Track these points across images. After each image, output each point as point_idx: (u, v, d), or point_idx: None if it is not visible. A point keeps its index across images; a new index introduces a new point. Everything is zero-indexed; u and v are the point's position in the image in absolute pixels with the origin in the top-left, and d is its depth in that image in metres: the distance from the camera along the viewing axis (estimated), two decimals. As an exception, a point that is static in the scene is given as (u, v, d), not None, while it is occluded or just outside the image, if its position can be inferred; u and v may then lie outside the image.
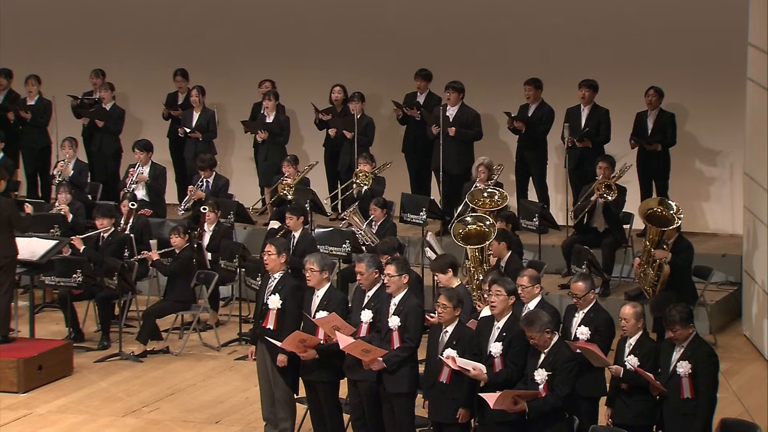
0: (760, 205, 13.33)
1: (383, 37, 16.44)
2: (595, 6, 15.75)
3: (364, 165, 15.08)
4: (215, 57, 16.88)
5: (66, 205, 14.60)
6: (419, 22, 16.28)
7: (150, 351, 13.18)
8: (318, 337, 10.28)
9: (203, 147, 15.95)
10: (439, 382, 9.63)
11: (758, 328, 13.39)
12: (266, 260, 10.70)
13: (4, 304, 12.57)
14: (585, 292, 9.96)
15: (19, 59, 16.85)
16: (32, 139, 16.54)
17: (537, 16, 15.92)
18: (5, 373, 12.17)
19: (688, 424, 9.23)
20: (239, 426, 11.37)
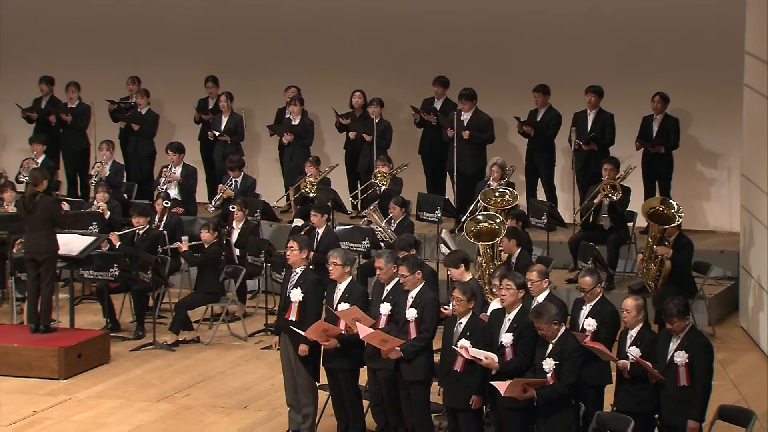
0: (757, 205, 13.32)
1: (402, 46, 16.44)
2: (601, 18, 15.73)
3: (383, 166, 15.09)
4: (243, 65, 16.91)
5: (104, 203, 14.66)
6: (436, 32, 16.28)
7: (182, 340, 13.21)
8: (339, 328, 10.30)
9: (231, 149, 15.99)
10: (454, 370, 9.63)
11: (754, 321, 13.37)
12: (289, 256, 10.71)
13: (46, 296, 12.63)
14: (592, 286, 9.95)
15: (60, 66, 16.91)
16: (72, 142, 16.59)
17: (546, 27, 15.91)
18: (47, 361, 12.22)
19: (685, 411, 9.24)
20: (265, 411, 11.40)
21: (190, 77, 16.78)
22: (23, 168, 15.46)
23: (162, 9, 17.07)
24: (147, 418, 11.28)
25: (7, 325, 13.29)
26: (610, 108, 15.05)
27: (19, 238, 13.19)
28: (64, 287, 13.63)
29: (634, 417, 9.39)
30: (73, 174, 16.69)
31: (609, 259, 13.84)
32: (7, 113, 17.43)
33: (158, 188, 15.31)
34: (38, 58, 17.19)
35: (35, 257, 12.59)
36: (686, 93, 15.34)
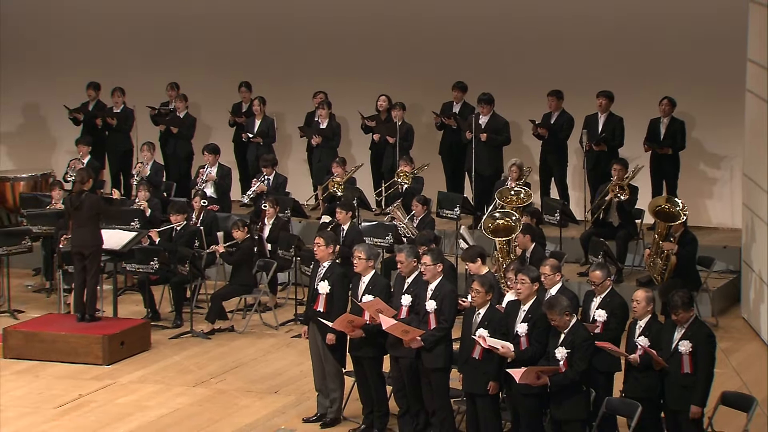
0: (758, 203, 13.29)
1: (423, 54, 16.44)
2: (612, 27, 15.70)
3: (405, 166, 15.09)
4: (275, 71, 16.93)
5: (145, 201, 14.70)
6: (456, 40, 16.28)
7: (217, 329, 13.24)
8: (364, 318, 10.30)
9: (264, 150, 16.02)
10: (473, 358, 9.63)
11: (755, 312, 13.33)
12: (316, 251, 10.72)
13: (91, 287, 12.70)
14: (602, 280, 9.93)
15: (106, 73, 16.96)
16: (116, 144, 16.65)
17: (559, 36, 15.89)
18: (92, 348, 12.27)
19: (688, 396, 9.23)
20: (295, 395, 11.41)
21: (226, 83, 16.81)
22: (70, 168, 15.53)
23: (200, 20, 17.12)
24: (185, 402, 11.31)
25: (56, 314, 13.36)
26: (619, 111, 15.01)
27: (65, 233, 13.23)
28: (107, 279, 13.67)
29: (641, 402, 9.38)
30: (117, 173, 16.75)
31: (618, 254, 13.82)
32: (56, 117, 17.52)
33: (195, 187, 15.33)
34: (86, 65, 17.25)
35: (81, 251, 12.65)
36: (692, 97, 15.31)
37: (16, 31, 17.63)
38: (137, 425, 10.79)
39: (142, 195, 14.75)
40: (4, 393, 11.54)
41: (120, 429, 10.70)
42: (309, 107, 16.35)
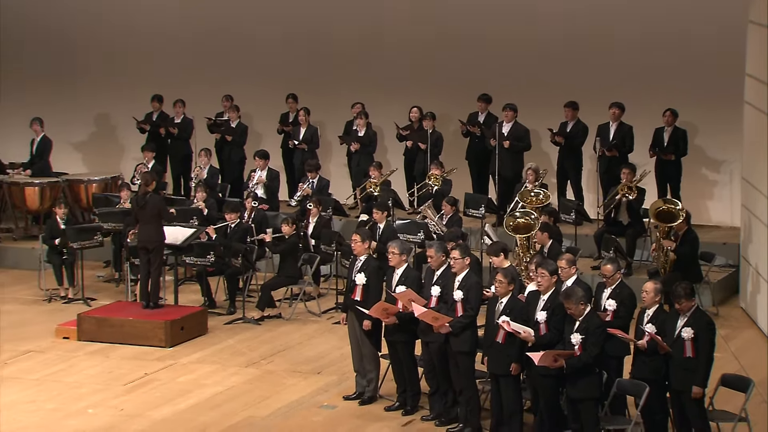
0: (755, 204, 13.21)
1: (451, 69, 16.41)
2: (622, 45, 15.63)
3: (435, 170, 15.08)
4: (318, 84, 16.95)
5: (202, 201, 14.75)
6: (481, 57, 16.25)
7: (266, 316, 13.27)
8: (398, 307, 10.30)
9: (308, 156, 16.03)
10: (496, 342, 9.60)
11: (752, 302, 13.25)
12: (353, 246, 10.73)
13: (155, 278, 12.75)
14: (613, 273, 9.88)
15: (168, 87, 17.03)
16: (177, 150, 16.71)
17: (576, 52, 15.84)
18: (156, 332, 12.33)
19: (690, 378, 9.18)
20: (336, 376, 11.42)
21: (274, 95, 16.84)
22: (136, 172, 15.60)
23: (252, 39, 17.16)
24: (238, 381, 11.34)
25: (124, 302, 13.42)
26: (629, 121, 14.94)
27: (132, 230, 13.29)
28: (169, 271, 13.74)
29: (648, 383, 9.34)
30: (178, 177, 16.81)
31: (627, 249, 13.76)
32: (124, 127, 17.60)
33: (247, 189, 15.38)
34: (151, 79, 17.32)
35: (146, 246, 12.71)
36: (693, 108, 15.23)
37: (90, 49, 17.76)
38: (196, 401, 10.83)
39: (200, 196, 14.80)
40: (79, 372, 11.63)
41: (181, 404, 10.75)
42: (348, 117, 16.35)
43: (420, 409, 10.46)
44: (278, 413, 10.53)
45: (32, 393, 11.01)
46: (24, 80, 17.89)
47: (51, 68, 17.83)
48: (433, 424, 10.24)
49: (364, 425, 10.27)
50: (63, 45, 17.78)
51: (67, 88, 17.78)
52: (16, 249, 15.62)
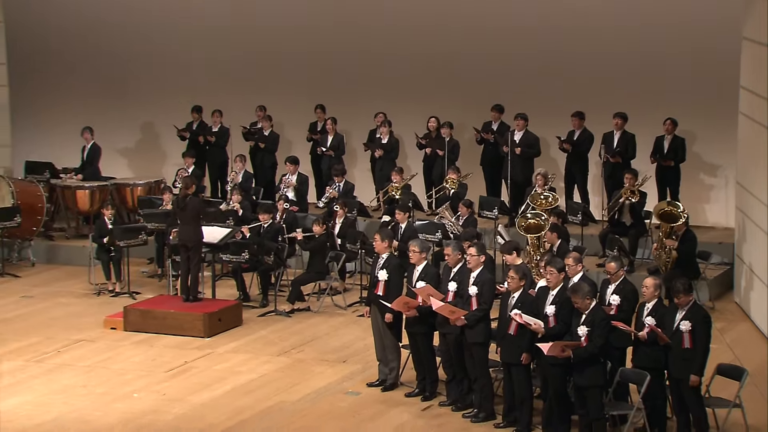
0: (749, 207, 13.16)
1: (467, 81, 16.41)
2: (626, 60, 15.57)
3: (452, 174, 15.07)
4: (344, 96, 16.96)
5: (237, 203, 14.79)
6: (494, 69, 16.23)
7: (296, 309, 13.28)
8: (417, 301, 10.31)
9: (335, 161, 16.06)
10: (508, 333, 9.62)
11: (746, 297, 13.19)
12: (375, 245, 10.76)
13: (194, 274, 12.81)
14: (616, 270, 9.88)
15: (207, 98, 17.06)
16: (215, 156, 16.73)
17: (583, 66, 15.80)
18: (195, 323, 12.37)
19: (688, 367, 9.16)
20: (360, 364, 11.44)
21: (304, 105, 16.87)
22: (177, 176, 15.63)
23: (283, 54, 17.18)
24: (270, 368, 11.38)
25: (166, 295, 13.47)
26: (631, 130, 14.91)
27: (174, 229, 13.35)
28: (207, 267, 13.78)
29: (649, 372, 9.33)
30: (215, 181, 16.85)
31: (630, 249, 13.72)
32: (166, 135, 17.65)
33: (279, 192, 15.41)
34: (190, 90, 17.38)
35: (186, 244, 12.77)
36: (692, 118, 15.17)
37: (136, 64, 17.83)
38: (232, 387, 10.87)
39: (236, 198, 14.84)
40: (125, 359, 11.70)
41: (218, 390, 10.79)
42: (372, 125, 16.37)
43: (438, 396, 10.47)
44: (307, 398, 10.57)
45: (83, 378, 11.09)
46: (76, 92, 17.99)
47: (101, 82, 17.93)
48: (449, 409, 10.25)
49: (386, 410, 10.29)
50: (112, 60, 17.87)
51: (115, 100, 17.87)
52: (69, 247, 15.71)
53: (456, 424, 9.96)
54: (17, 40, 17.02)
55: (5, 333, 12.49)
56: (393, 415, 10.16)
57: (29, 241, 15.58)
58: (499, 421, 9.89)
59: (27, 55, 17.63)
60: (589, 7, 15.67)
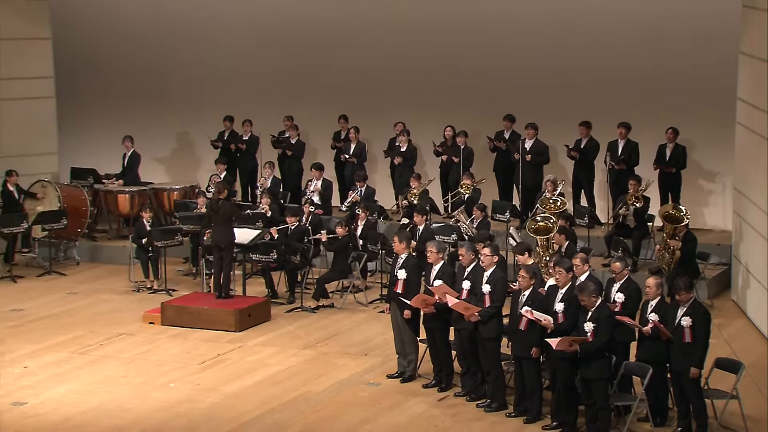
0: (745, 210, 13.10)
1: (481, 93, 16.40)
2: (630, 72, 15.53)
3: (467, 180, 15.04)
4: (366, 107, 16.97)
5: (267, 206, 14.81)
6: (507, 83, 16.20)
7: (321, 306, 13.28)
8: (434, 298, 10.30)
9: (357, 168, 16.06)
10: (519, 329, 9.60)
11: (742, 296, 13.12)
12: (394, 246, 10.76)
13: (226, 272, 12.81)
14: (621, 270, 9.84)
15: (238, 108, 17.12)
16: (245, 163, 16.77)
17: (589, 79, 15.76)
18: (227, 318, 12.39)
19: (688, 360, 9.13)
20: (381, 357, 11.44)
21: (328, 115, 16.89)
22: (210, 182, 15.66)
23: (309, 68, 17.21)
24: (296, 361, 11.39)
25: (200, 292, 13.50)
26: (635, 138, 14.86)
27: (207, 231, 13.38)
28: (238, 266, 13.81)
29: (651, 365, 9.29)
30: (246, 186, 16.89)
31: (634, 250, 13.67)
32: (200, 143, 17.71)
33: (305, 196, 15.43)
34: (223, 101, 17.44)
35: (219, 244, 12.78)
36: (692, 127, 15.11)
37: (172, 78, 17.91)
38: (261, 378, 10.89)
39: (265, 202, 14.87)
40: (162, 352, 11.74)
41: (248, 381, 10.81)
42: (392, 134, 16.37)
43: (453, 387, 10.47)
44: (331, 389, 10.57)
45: (124, 369, 11.14)
46: (117, 104, 18.08)
47: (140, 94, 18.02)
48: (464, 399, 10.24)
49: (405, 400, 10.28)
50: (150, 74, 17.97)
51: (153, 111, 17.95)
52: (110, 247, 15.79)
53: (470, 413, 9.94)
54: (63, 56, 17.13)
55: (52, 327, 12.57)
56: (411, 405, 10.15)
57: (74, 241, 15.67)
58: (511, 411, 9.87)
59: (72, 70, 17.74)
60: (595, 26, 15.64)
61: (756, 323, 12.47)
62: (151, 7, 17.66)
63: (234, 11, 17.39)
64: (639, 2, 15.41)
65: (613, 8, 15.55)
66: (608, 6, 15.58)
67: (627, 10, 15.46)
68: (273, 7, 17.20)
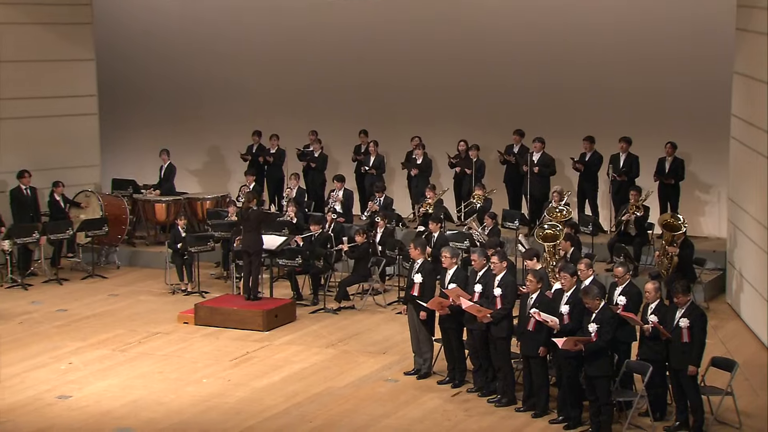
0: (739, 220, 13.04)
1: (493, 109, 16.40)
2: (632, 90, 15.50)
3: (479, 190, 15.03)
4: (384, 122, 17.00)
5: (292, 214, 14.83)
6: (517, 99, 16.19)
7: (342, 307, 13.29)
8: (449, 301, 10.31)
9: (376, 179, 16.07)
10: (528, 330, 9.59)
11: (736, 299, 13.06)
12: (411, 252, 10.77)
13: (255, 276, 12.82)
14: (623, 274, 9.83)
15: (265, 123, 17.15)
16: (272, 174, 16.79)
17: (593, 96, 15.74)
18: (255, 319, 12.40)
19: (686, 359, 9.10)
20: (399, 355, 11.43)
21: (350, 130, 16.92)
22: (240, 192, 15.70)
23: (332, 86, 17.25)
24: (320, 358, 11.40)
25: (231, 295, 13.52)
26: (635, 152, 14.83)
27: (237, 238, 13.42)
28: (266, 270, 13.85)
29: (651, 363, 9.27)
30: (273, 196, 16.90)
31: (635, 255, 13.62)
32: (230, 156, 17.77)
33: (328, 205, 15.46)
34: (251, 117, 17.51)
35: (248, 250, 12.81)
36: (690, 142, 15.07)
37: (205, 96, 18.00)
38: (287, 374, 10.92)
39: (291, 210, 14.91)
40: (195, 349, 11.77)
41: (275, 377, 10.83)
42: (409, 148, 16.37)
43: (466, 383, 10.46)
44: (352, 385, 10.59)
45: (160, 365, 11.19)
46: (154, 120, 18.19)
47: (175, 111, 18.12)
48: (476, 395, 10.24)
49: (421, 395, 10.28)
50: (184, 93, 18.06)
51: (187, 127, 18.04)
52: (148, 252, 15.85)
53: (482, 408, 9.94)
54: (106, 76, 17.26)
55: (95, 326, 12.64)
56: (426, 400, 10.16)
57: (115, 247, 15.76)
58: (519, 406, 9.86)
59: (114, 89, 17.87)
60: (599, 47, 15.62)
61: (749, 325, 12.41)
62: (186, 31, 17.77)
63: (262, 35, 17.48)
64: (640, 26, 15.39)
65: (616, 31, 15.54)
66: (611, 29, 15.57)
67: (629, 33, 15.45)
68: (298, 31, 17.27)
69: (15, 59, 15.54)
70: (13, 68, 15.52)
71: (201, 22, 17.64)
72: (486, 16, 16.18)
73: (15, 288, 14.26)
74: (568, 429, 9.38)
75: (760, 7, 11.99)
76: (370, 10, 16.58)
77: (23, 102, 15.66)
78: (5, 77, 15.43)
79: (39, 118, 15.84)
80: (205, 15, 17.57)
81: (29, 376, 10.80)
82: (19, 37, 15.52)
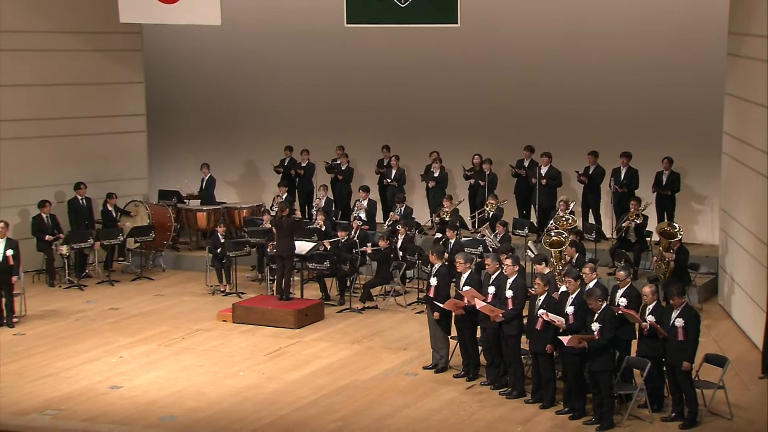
0: (730, 228, 12.99)
1: (505, 127, 16.38)
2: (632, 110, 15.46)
3: (491, 200, 15.03)
4: (405, 137, 17.00)
5: (321, 222, 14.85)
6: (527, 119, 16.17)
7: (366, 307, 13.30)
8: (464, 302, 10.32)
9: (397, 190, 16.06)
10: (536, 329, 9.60)
11: (728, 301, 12.99)
12: (430, 257, 10.80)
13: (287, 278, 12.86)
14: (624, 278, 9.82)
15: (297, 139, 17.20)
16: (303, 186, 16.80)
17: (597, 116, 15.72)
18: (287, 317, 12.43)
19: (681, 356, 9.08)
20: (418, 351, 11.43)
21: (373, 145, 16.91)
22: (274, 201, 15.76)
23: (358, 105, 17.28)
24: (346, 354, 11.43)
25: (265, 296, 13.54)
26: (635, 166, 14.79)
27: (271, 243, 13.46)
28: (297, 273, 13.85)
29: (649, 359, 9.27)
30: (303, 205, 16.93)
31: (635, 260, 13.58)
32: (265, 169, 17.80)
33: (353, 213, 15.49)
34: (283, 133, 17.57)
35: (281, 254, 12.87)
36: (685, 157, 15.01)
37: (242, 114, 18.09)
38: (317, 368, 10.95)
39: (319, 218, 14.94)
40: (233, 345, 11.83)
41: (305, 370, 10.87)
42: (427, 162, 16.39)
43: (479, 377, 10.48)
44: (375, 378, 10.61)
45: (201, 359, 11.26)
46: (196, 136, 18.29)
47: (215, 128, 18.21)
48: (489, 388, 10.25)
49: (438, 387, 10.31)
50: (223, 112, 18.16)
51: (226, 142, 18.12)
52: (190, 257, 15.92)
53: (494, 400, 9.95)
54: (153, 96, 17.44)
55: (143, 323, 12.74)
56: (443, 392, 10.18)
57: (161, 252, 15.87)
58: (529, 398, 9.87)
59: (160, 108, 18.02)
60: (602, 70, 15.59)
61: (739, 324, 12.34)
62: (225, 57, 17.90)
63: (294, 60, 17.55)
64: (640, 50, 15.36)
65: (617, 57, 15.52)
66: (614, 55, 15.55)
67: (630, 59, 15.43)
68: (327, 56, 17.34)
69: (75, 82, 15.77)
70: (72, 91, 15.73)
71: (239, 49, 17.76)
72: (498, 45, 16.19)
73: (72, 288, 14.42)
74: (573, 419, 9.38)
75: (750, 34, 12.00)
76: (393, 38, 16.64)
77: (80, 121, 15.86)
78: (65, 99, 15.65)
79: (94, 135, 16.04)
80: (242, 42, 17.69)
81: (84, 368, 10.92)
82: (78, 62, 15.75)
